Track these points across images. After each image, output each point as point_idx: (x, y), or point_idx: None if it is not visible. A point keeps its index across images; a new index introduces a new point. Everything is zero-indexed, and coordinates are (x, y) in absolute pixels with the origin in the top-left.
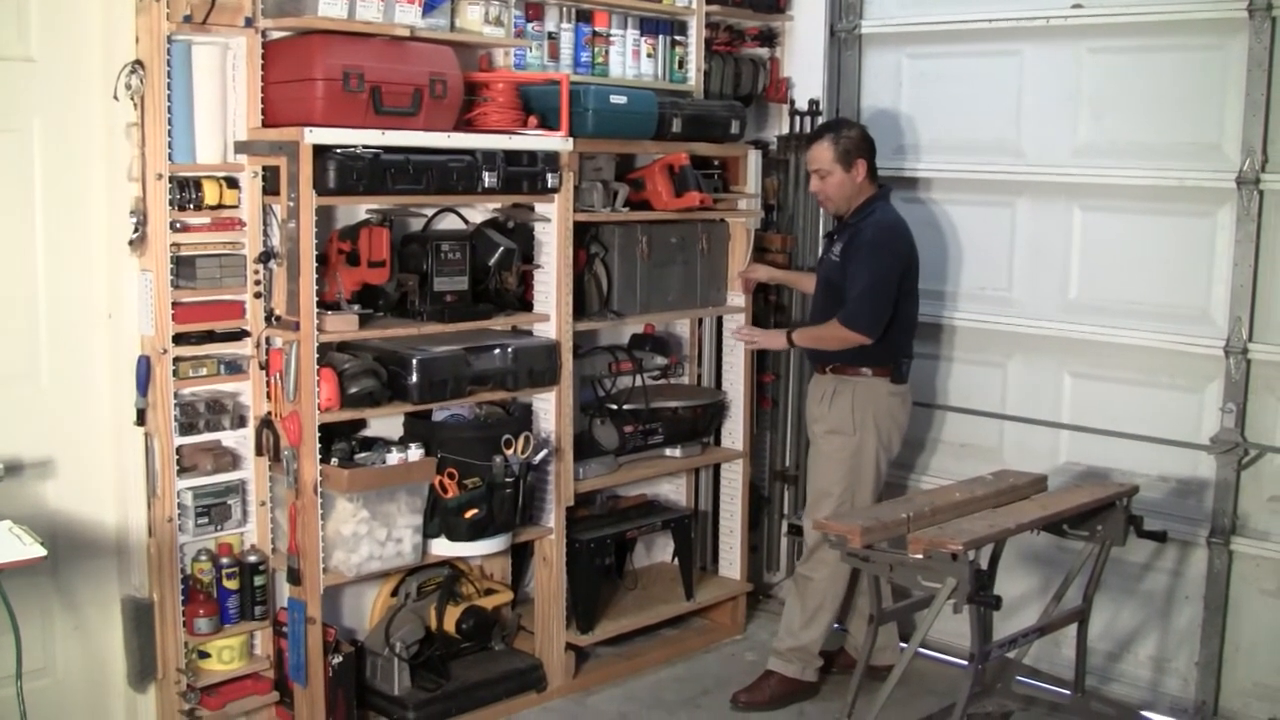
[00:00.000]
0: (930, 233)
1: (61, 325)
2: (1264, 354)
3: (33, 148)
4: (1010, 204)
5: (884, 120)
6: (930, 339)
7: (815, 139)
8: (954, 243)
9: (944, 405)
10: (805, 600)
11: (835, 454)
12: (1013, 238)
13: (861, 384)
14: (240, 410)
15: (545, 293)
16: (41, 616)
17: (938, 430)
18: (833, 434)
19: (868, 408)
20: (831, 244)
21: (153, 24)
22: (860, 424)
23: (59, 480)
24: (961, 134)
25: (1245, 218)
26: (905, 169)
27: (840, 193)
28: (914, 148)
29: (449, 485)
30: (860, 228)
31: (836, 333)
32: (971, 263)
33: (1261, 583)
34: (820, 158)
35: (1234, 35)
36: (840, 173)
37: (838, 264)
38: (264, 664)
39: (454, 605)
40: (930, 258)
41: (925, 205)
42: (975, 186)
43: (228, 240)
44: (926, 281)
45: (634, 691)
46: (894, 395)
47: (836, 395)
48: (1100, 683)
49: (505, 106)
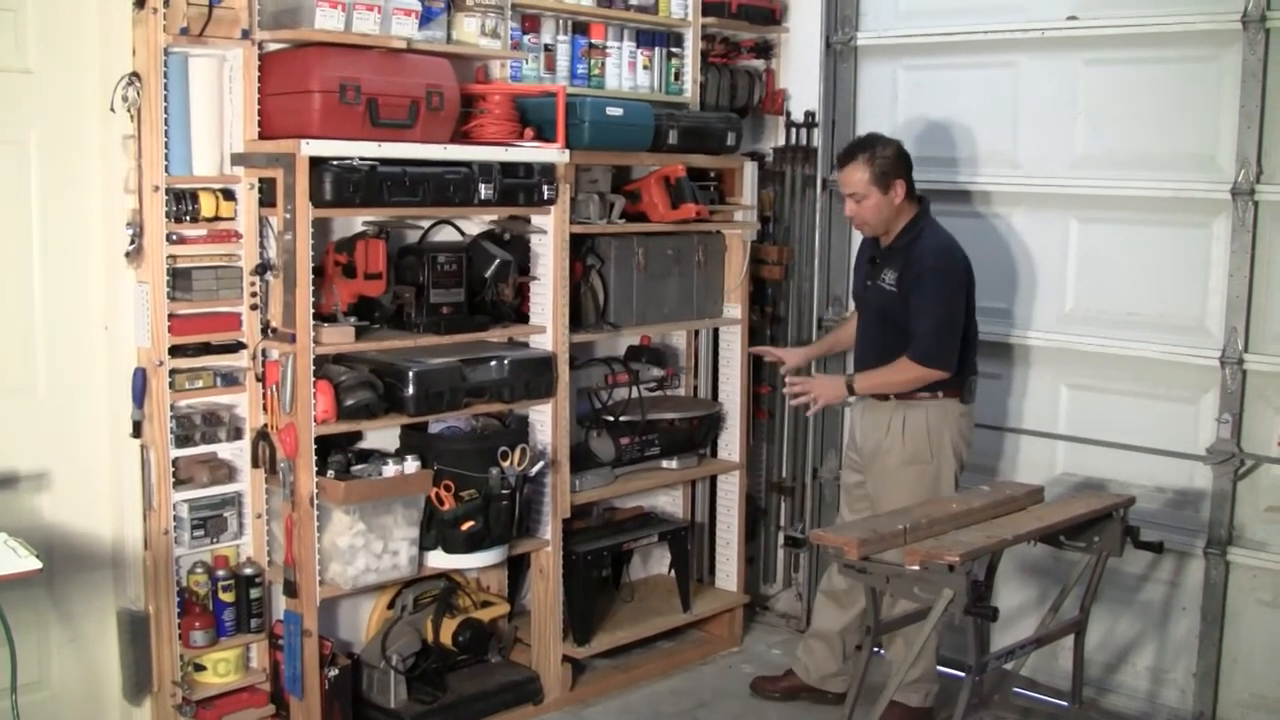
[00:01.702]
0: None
1: (58, 337)
2: (1260, 364)
3: (29, 159)
4: (1006, 215)
5: (880, 132)
6: None
7: (847, 160)
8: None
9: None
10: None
11: (915, 484)
12: (1009, 249)
13: (934, 408)
14: (236, 422)
15: (541, 305)
16: (37, 629)
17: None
18: (911, 464)
19: (944, 432)
20: (878, 270)
21: (149, 36)
22: (938, 450)
23: (54, 492)
24: (958, 146)
25: (1240, 229)
26: None
27: (878, 217)
28: (911, 160)
29: (445, 497)
30: (916, 254)
31: (911, 373)
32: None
33: (1258, 593)
34: (854, 181)
35: (1228, 47)
36: (877, 195)
37: (894, 294)
38: (260, 677)
39: (450, 618)
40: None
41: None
42: (971, 198)
43: (224, 252)
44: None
45: (631, 704)
46: (964, 416)
47: (908, 423)
48: (1098, 694)
49: (502, 119)
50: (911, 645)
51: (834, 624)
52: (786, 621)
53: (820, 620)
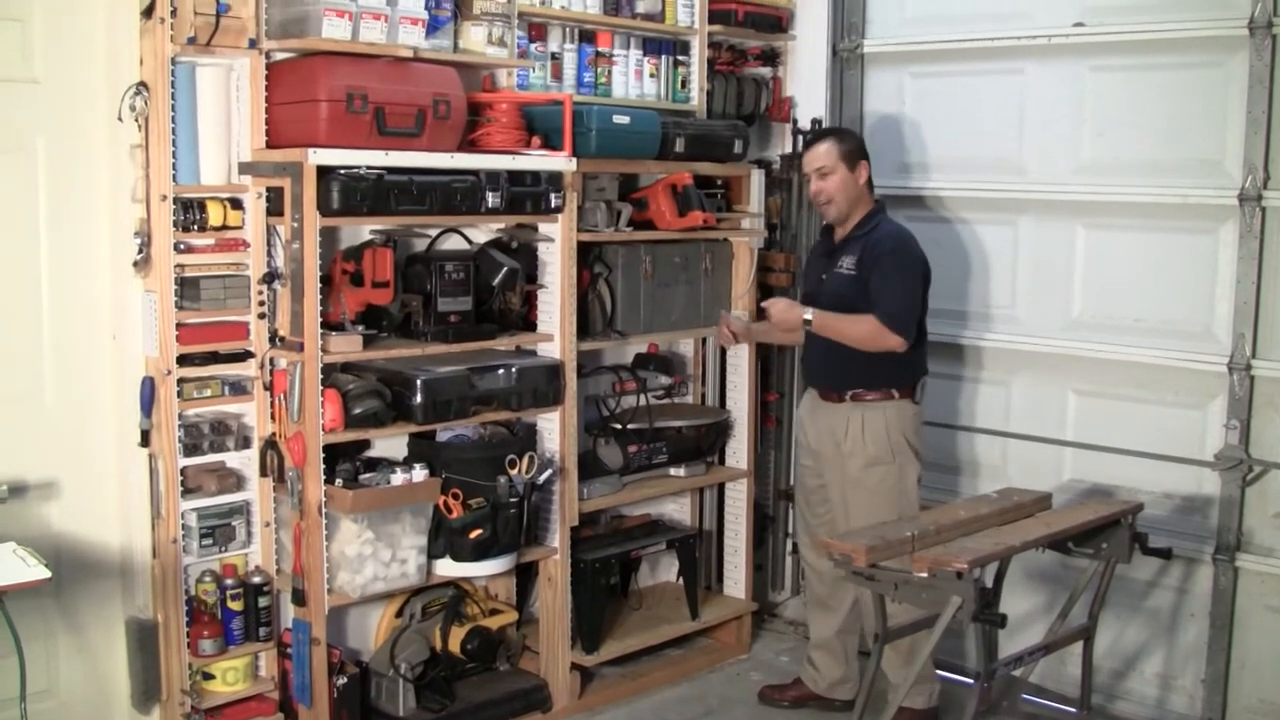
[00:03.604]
0: (933, 251)
1: (66, 346)
2: (1268, 370)
3: (37, 169)
4: (1013, 222)
5: (887, 139)
6: (934, 357)
7: (816, 141)
8: (957, 261)
9: (948, 424)
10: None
11: (880, 485)
12: (1016, 256)
13: (890, 408)
14: (244, 431)
15: (549, 313)
16: (45, 638)
17: (942, 448)
18: (874, 465)
19: (902, 431)
20: (835, 258)
21: (157, 46)
22: (898, 449)
23: (63, 501)
24: (964, 152)
25: (1248, 234)
26: (908, 187)
27: (844, 194)
28: (917, 166)
29: (453, 506)
30: (875, 239)
31: (868, 328)
32: (975, 281)
33: (1267, 599)
34: (823, 156)
35: (1235, 53)
36: (844, 171)
37: (852, 276)
38: (268, 685)
39: (459, 626)
40: (934, 276)
41: (928, 224)
42: (978, 205)
43: (232, 261)
44: (930, 300)
45: (639, 712)
46: (916, 415)
47: (866, 424)
48: (1106, 700)
49: (509, 127)
50: (913, 651)
51: (828, 629)
52: (795, 629)
53: (816, 629)
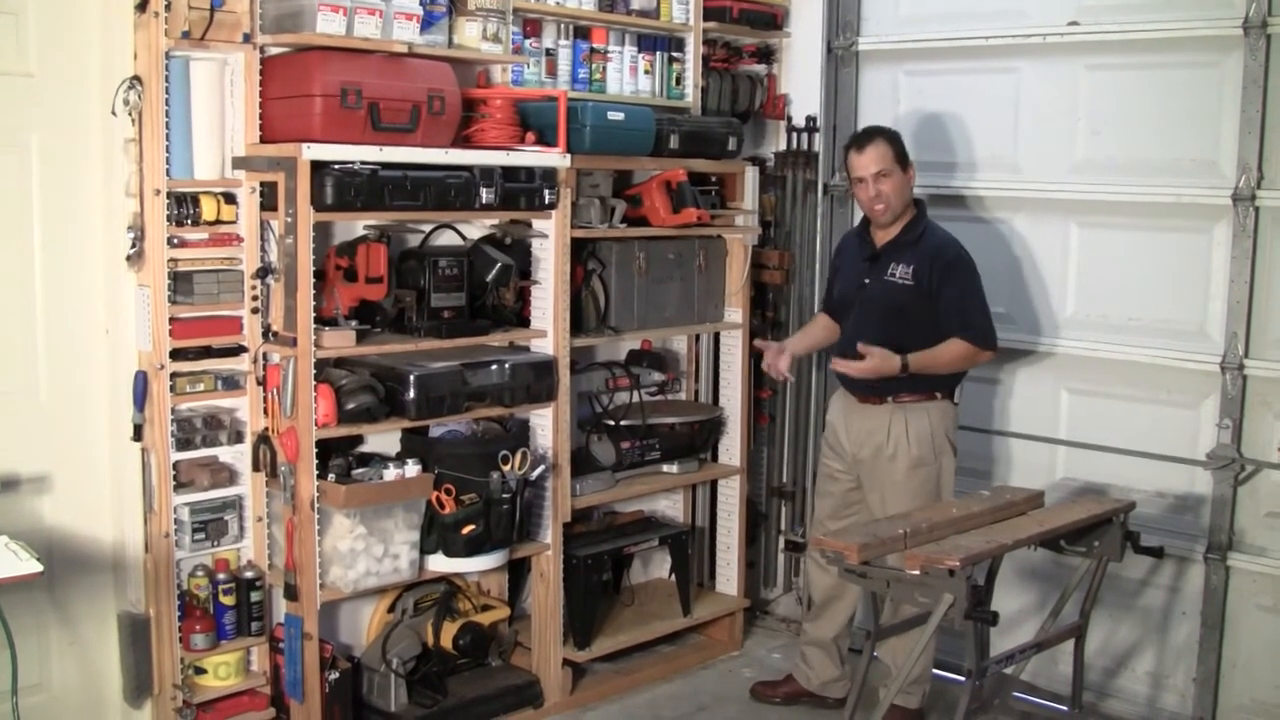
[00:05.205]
0: None
1: (59, 340)
2: (1260, 370)
3: (31, 163)
4: (1007, 220)
5: None
6: None
7: (867, 140)
8: None
9: None
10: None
11: (922, 486)
12: (1010, 254)
13: (934, 409)
14: (237, 426)
15: (543, 309)
16: (37, 632)
17: None
18: (918, 467)
19: (943, 431)
20: (883, 266)
21: (151, 40)
22: (940, 449)
23: (55, 495)
24: (959, 151)
25: (1241, 234)
26: None
27: (900, 197)
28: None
29: (446, 501)
30: (935, 245)
31: (960, 351)
32: None
33: (1258, 598)
34: (880, 156)
35: (1229, 52)
36: (899, 173)
37: (910, 286)
38: (260, 680)
39: (451, 621)
40: None
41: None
42: (972, 203)
43: (225, 256)
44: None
45: (631, 708)
46: (956, 414)
47: (911, 426)
48: (1098, 698)
49: (503, 123)
50: (910, 649)
51: (826, 632)
52: (787, 626)
53: (814, 630)
